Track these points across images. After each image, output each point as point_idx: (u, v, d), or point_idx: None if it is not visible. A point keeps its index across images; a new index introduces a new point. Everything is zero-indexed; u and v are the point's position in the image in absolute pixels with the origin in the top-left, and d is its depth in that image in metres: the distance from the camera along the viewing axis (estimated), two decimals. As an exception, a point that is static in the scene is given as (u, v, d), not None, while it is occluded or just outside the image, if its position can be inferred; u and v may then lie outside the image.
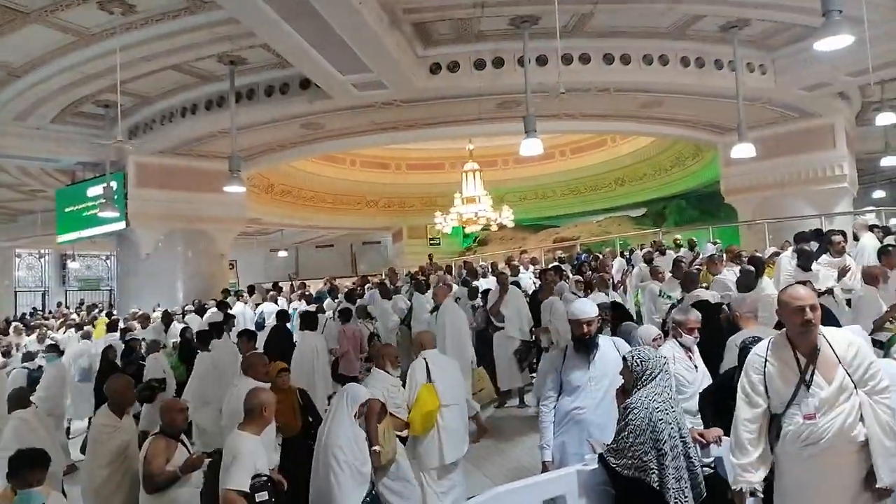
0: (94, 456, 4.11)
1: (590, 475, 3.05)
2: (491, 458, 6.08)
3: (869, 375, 2.69)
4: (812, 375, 2.70)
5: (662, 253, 10.69)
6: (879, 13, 8.25)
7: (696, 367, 4.12)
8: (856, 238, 7.81)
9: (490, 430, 6.08)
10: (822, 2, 5.83)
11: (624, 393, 3.12)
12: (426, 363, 4.75)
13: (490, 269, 11.80)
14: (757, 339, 3.35)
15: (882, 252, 6.13)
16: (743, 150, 9.51)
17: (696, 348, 4.20)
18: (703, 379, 4.07)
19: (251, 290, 13.82)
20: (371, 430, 3.97)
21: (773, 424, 2.79)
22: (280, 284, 16.34)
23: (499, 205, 18.70)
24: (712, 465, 3.24)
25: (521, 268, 11.02)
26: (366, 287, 11.47)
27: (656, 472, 2.82)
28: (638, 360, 3.09)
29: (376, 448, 3.95)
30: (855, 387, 2.66)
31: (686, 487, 2.84)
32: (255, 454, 3.38)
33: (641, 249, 12.06)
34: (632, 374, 3.08)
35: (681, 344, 4.15)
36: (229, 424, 4.21)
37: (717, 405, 3.56)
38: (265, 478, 3.44)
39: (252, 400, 3.54)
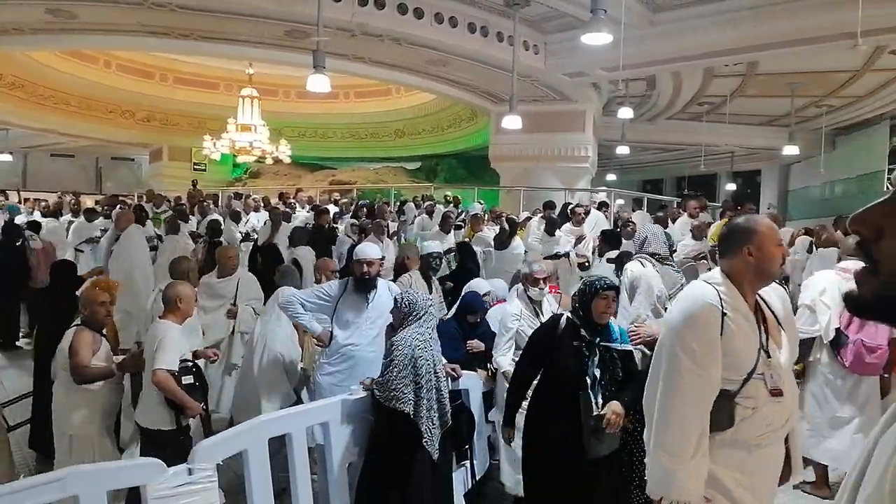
0: None
1: (353, 404, 3.25)
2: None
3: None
4: (768, 337, 2.03)
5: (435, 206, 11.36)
6: (634, 19, 9.55)
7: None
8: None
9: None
10: (592, 0, 6.58)
11: (392, 331, 3.33)
12: None
13: (262, 204, 11.39)
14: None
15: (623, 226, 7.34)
16: (511, 122, 10.37)
17: (552, 301, 4.17)
18: None
19: None
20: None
21: (724, 406, 1.96)
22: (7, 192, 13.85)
23: (276, 137, 17.95)
24: (458, 398, 3.65)
25: (298, 206, 10.83)
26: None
27: (412, 402, 3.09)
28: (407, 302, 3.30)
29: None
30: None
31: (435, 416, 3.17)
32: (179, 340, 3.55)
33: (414, 202, 12.64)
34: (400, 313, 3.31)
35: (530, 298, 4.05)
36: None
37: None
38: (190, 363, 3.66)
39: (168, 292, 3.69)
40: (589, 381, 2.90)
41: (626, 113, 11.51)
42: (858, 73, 11.98)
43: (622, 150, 14.93)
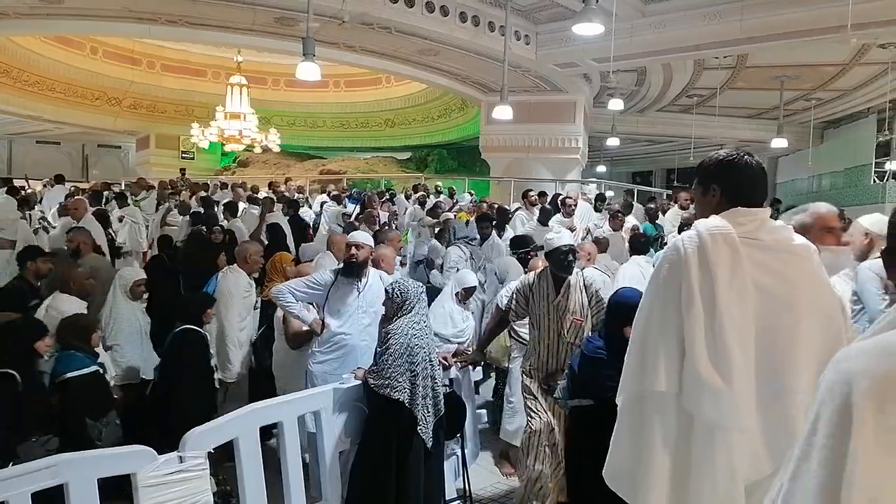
0: (230, 309, 4.47)
1: (345, 393, 3.25)
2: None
3: None
4: None
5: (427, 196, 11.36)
6: (625, 11, 9.54)
7: None
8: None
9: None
10: (584, -10, 6.57)
11: (386, 321, 3.33)
12: None
13: (252, 193, 11.32)
14: None
15: (612, 216, 7.39)
16: (502, 112, 10.33)
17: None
18: None
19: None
20: None
21: None
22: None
23: (265, 126, 17.83)
24: (450, 386, 3.66)
25: (287, 195, 10.79)
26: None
27: (408, 390, 3.10)
28: (399, 293, 3.30)
29: None
30: None
31: (430, 404, 3.19)
32: None
33: (405, 193, 12.63)
34: (393, 304, 3.30)
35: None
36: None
37: None
38: None
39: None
40: None
41: (616, 105, 11.51)
42: (847, 67, 12.05)
43: (612, 141, 14.95)
